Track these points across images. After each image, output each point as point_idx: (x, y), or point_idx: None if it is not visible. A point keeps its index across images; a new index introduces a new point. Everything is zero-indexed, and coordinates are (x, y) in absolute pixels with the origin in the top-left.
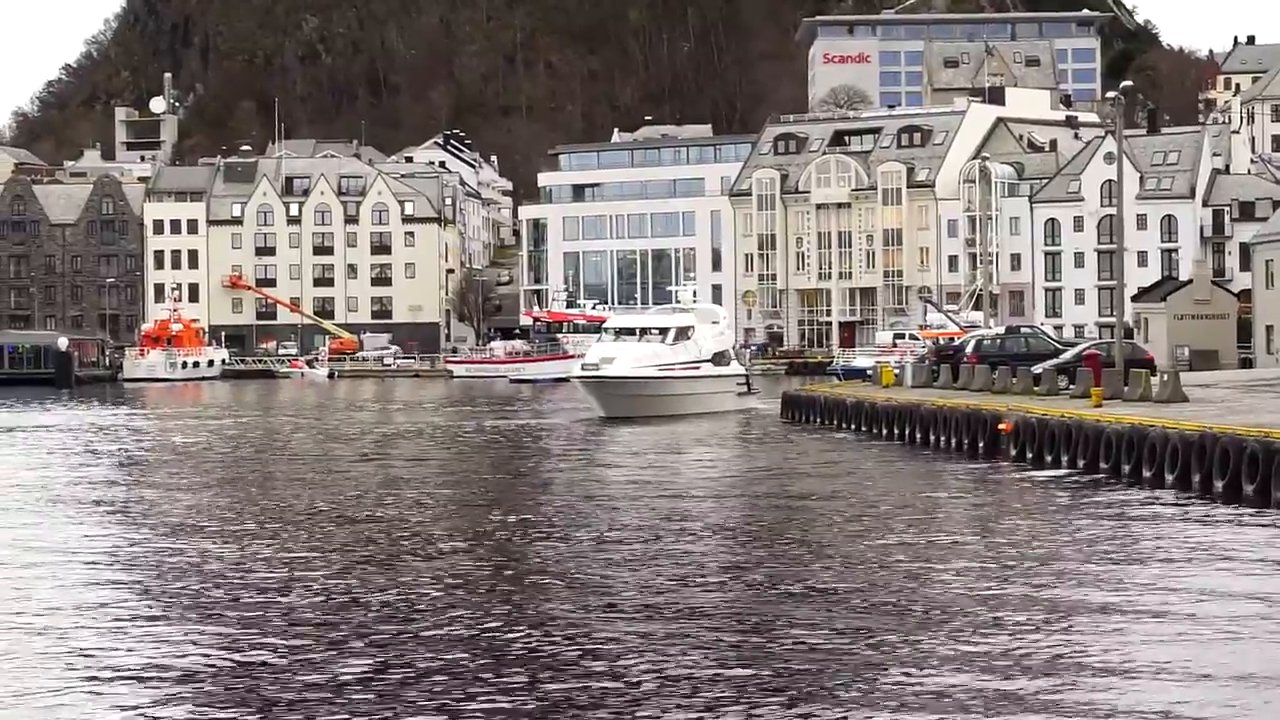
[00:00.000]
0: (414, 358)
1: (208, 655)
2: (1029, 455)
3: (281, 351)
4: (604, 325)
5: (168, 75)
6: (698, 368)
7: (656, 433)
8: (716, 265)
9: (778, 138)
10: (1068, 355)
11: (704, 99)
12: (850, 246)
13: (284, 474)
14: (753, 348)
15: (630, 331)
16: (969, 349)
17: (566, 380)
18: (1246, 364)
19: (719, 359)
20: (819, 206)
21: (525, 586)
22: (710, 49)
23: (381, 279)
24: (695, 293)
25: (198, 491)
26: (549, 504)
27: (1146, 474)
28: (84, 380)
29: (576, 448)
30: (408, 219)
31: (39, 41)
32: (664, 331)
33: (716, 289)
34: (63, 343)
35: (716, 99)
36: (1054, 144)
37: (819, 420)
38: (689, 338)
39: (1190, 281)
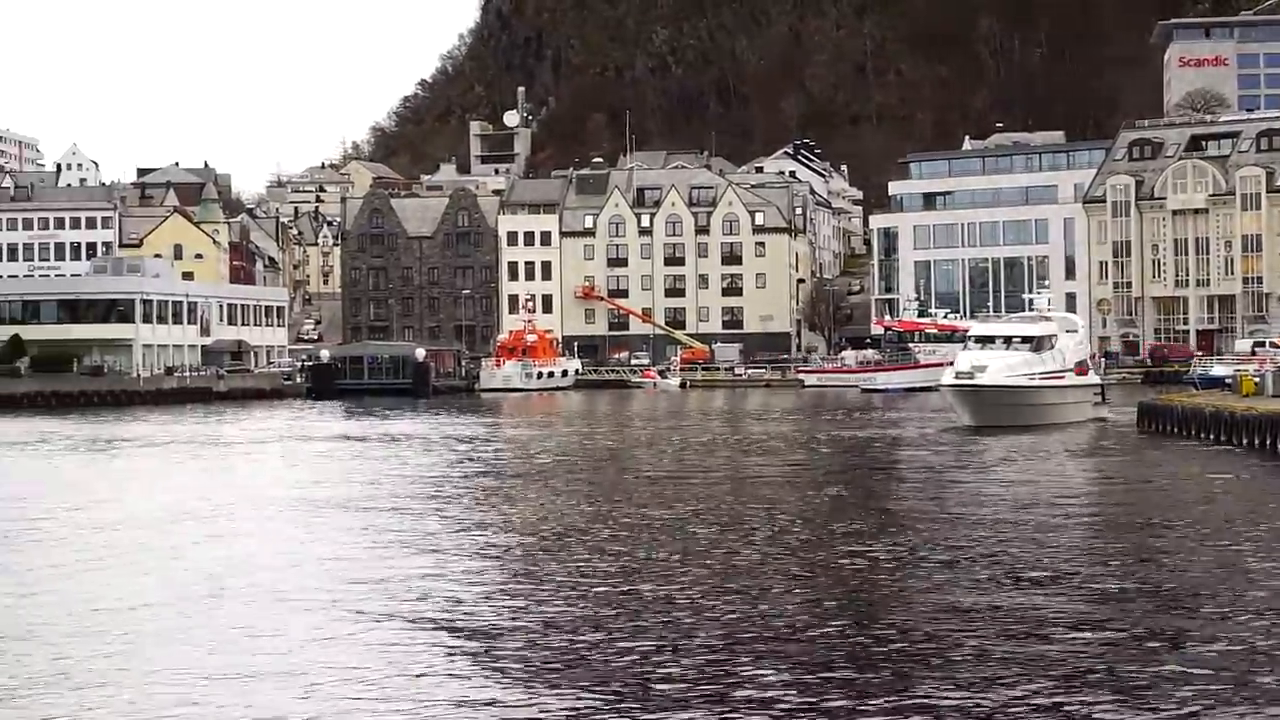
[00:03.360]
0: (764, 367)
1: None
2: None
3: (634, 362)
4: (967, 334)
5: (521, 89)
6: (1062, 377)
7: (1023, 441)
8: (1070, 273)
9: (1132, 143)
10: None
11: (1056, 104)
12: (1208, 253)
13: (651, 482)
14: (1111, 355)
15: (992, 340)
16: None
17: (919, 390)
18: None
19: (1079, 367)
20: (1175, 213)
21: (893, 590)
22: (1062, 54)
23: (732, 289)
24: (1049, 300)
25: (559, 498)
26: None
27: None
28: (441, 390)
29: (956, 456)
30: (758, 229)
31: (396, 59)
32: (1028, 340)
33: (1070, 297)
34: (420, 353)
35: (1069, 104)
36: None
37: (1176, 430)
38: (1052, 346)
39: None
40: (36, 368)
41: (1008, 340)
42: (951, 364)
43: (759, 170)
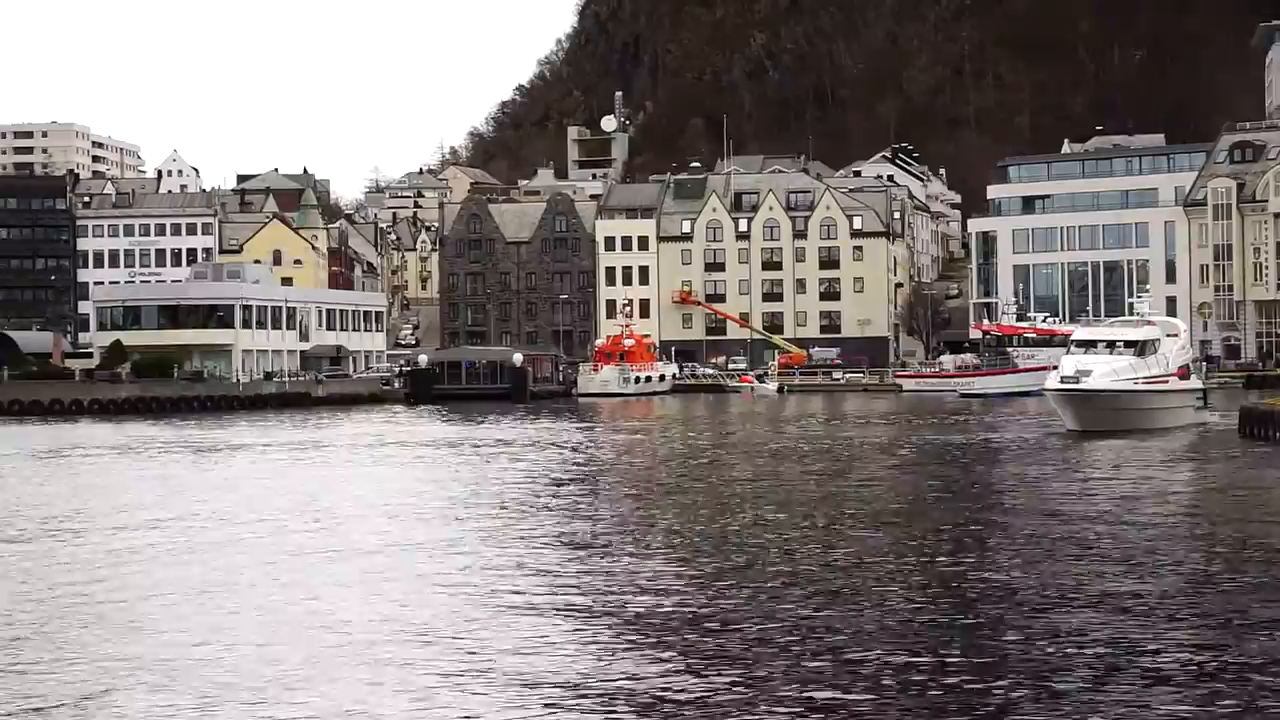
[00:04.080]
0: (862, 372)
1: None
2: None
3: (731, 366)
4: (1069, 338)
5: (618, 94)
6: (1165, 381)
7: (1129, 447)
8: (1170, 277)
9: (1234, 146)
10: None
11: (1156, 107)
12: None
13: (751, 486)
14: (1212, 359)
15: (1094, 344)
16: None
17: (1018, 394)
18: None
19: (1181, 371)
20: (1277, 215)
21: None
22: (1163, 56)
23: (830, 293)
24: (1149, 304)
25: (660, 502)
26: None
27: None
28: (539, 395)
29: (1061, 462)
30: (856, 233)
31: (494, 65)
32: (1131, 344)
33: (1171, 301)
34: (518, 358)
35: (1169, 107)
36: None
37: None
38: (1156, 351)
39: None
40: (137, 373)
41: (1110, 345)
42: (1055, 369)
43: (857, 174)
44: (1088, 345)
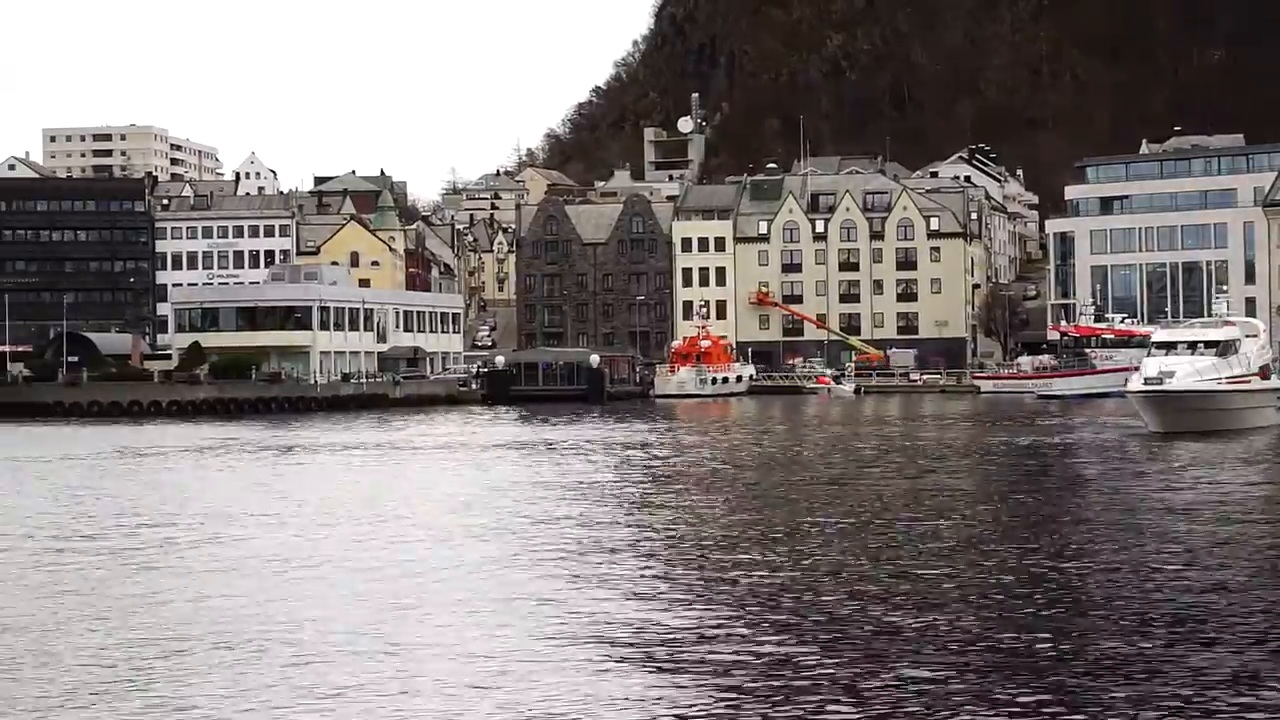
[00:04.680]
0: (939, 373)
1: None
2: None
3: (808, 368)
4: (1149, 339)
5: (695, 95)
6: (1247, 381)
7: (1212, 448)
8: (1249, 277)
9: None
10: None
11: (1235, 107)
12: None
13: (829, 488)
14: None
15: (1175, 345)
16: None
17: (1096, 395)
18: None
19: (1262, 371)
20: None
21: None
22: (1242, 55)
23: (907, 294)
24: (1229, 305)
25: (740, 504)
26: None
27: None
28: (616, 396)
29: (1147, 463)
30: (933, 234)
31: (571, 66)
32: (1213, 345)
33: (1250, 301)
34: (595, 359)
35: (1248, 106)
36: None
37: None
38: (1237, 351)
39: None
40: (215, 374)
41: (1192, 346)
42: (1136, 370)
43: (934, 175)
44: (1169, 347)
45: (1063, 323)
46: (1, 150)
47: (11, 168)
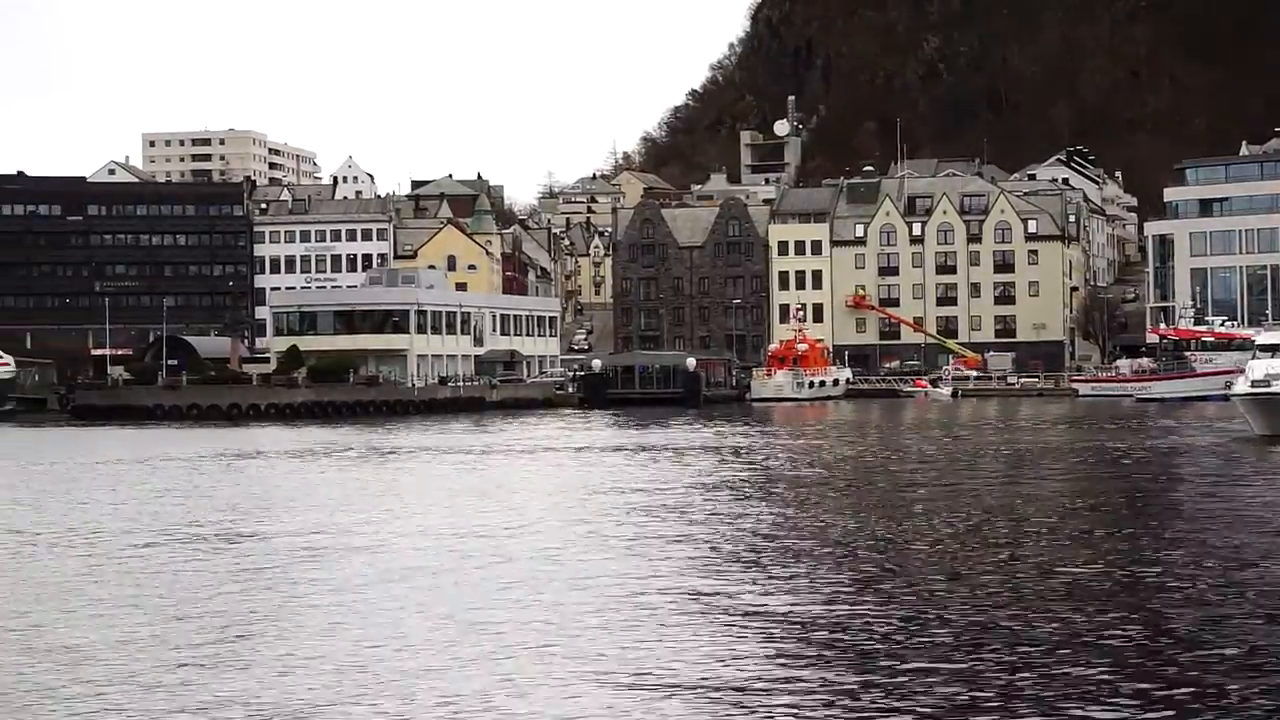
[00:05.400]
0: (1037, 376)
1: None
2: None
3: (905, 372)
4: (1253, 342)
5: (791, 98)
6: None
7: None
8: None
9: None
10: None
11: None
12: None
13: (932, 493)
14: None
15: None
16: None
17: (1197, 399)
18: None
19: None
20: None
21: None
22: None
23: (1005, 297)
24: None
25: (843, 509)
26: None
27: None
28: (712, 399)
29: (1254, 469)
30: (1031, 237)
31: (666, 69)
32: None
33: None
34: (691, 363)
35: None
36: None
37: None
38: None
39: None
40: (313, 378)
41: None
42: (1240, 373)
43: (1031, 178)
44: (1274, 349)
45: (1162, 325)
46: (102, 155)
47: (112, 172)
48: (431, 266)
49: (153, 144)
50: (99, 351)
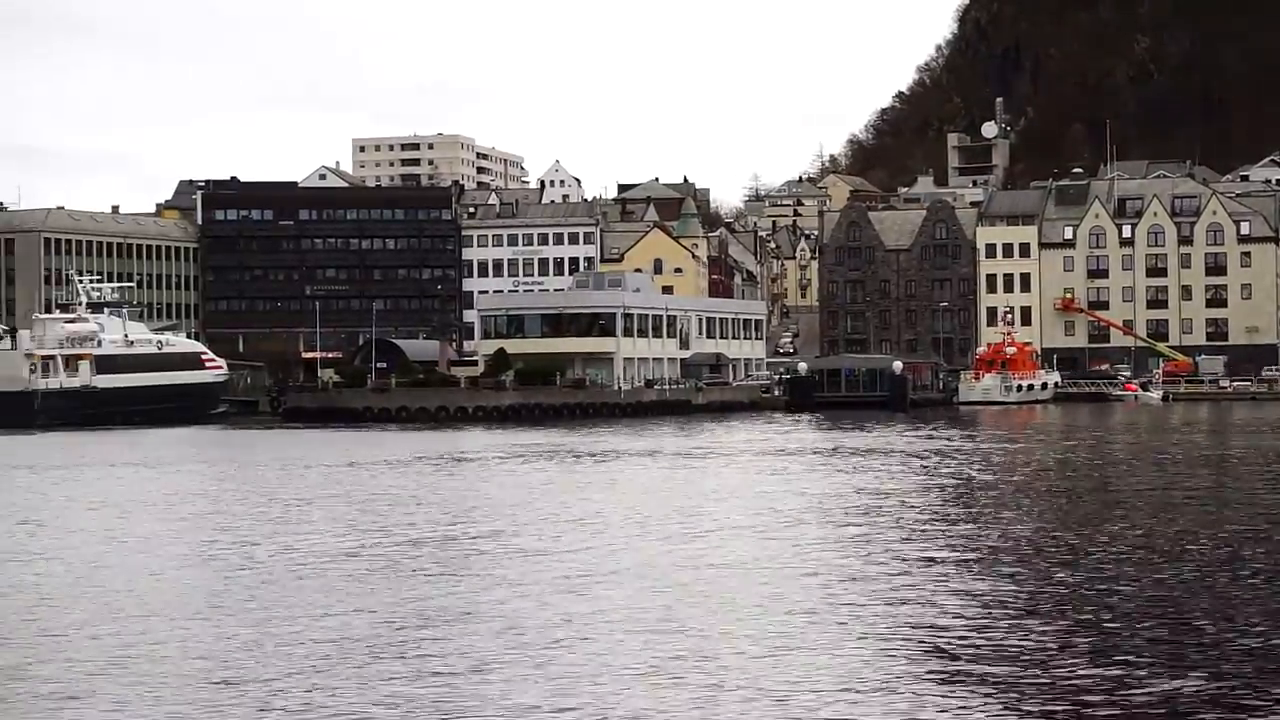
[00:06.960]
0: (1249, 380)
1: None
2: None
3: (1114, 376)
4: None
5: (999, 100)
6: None
7: None
8: None
9: None
10: None
11: None
12: None
13: (1152, 500)
14: None
15: None
16: None
17: None
18: None
19: None
20: None
21: None
22: None
23: (1216, 300)
24: None
25: (1055, 516)
26: None
27: None
28: (918, 403)
29: None
30: (1244, 238)
31: (873, 71)
32: None
33: None
34: (898, 366)
35: None
36: None
37: None
38: None
39: None
40: (521, 381)
41: None
42: None
43: (1244, 178)
44: None
45: None
46: (313, 160)
47: (323, 177)
48: (638, 270)
49: (363, 149)
50: (309, 354)
